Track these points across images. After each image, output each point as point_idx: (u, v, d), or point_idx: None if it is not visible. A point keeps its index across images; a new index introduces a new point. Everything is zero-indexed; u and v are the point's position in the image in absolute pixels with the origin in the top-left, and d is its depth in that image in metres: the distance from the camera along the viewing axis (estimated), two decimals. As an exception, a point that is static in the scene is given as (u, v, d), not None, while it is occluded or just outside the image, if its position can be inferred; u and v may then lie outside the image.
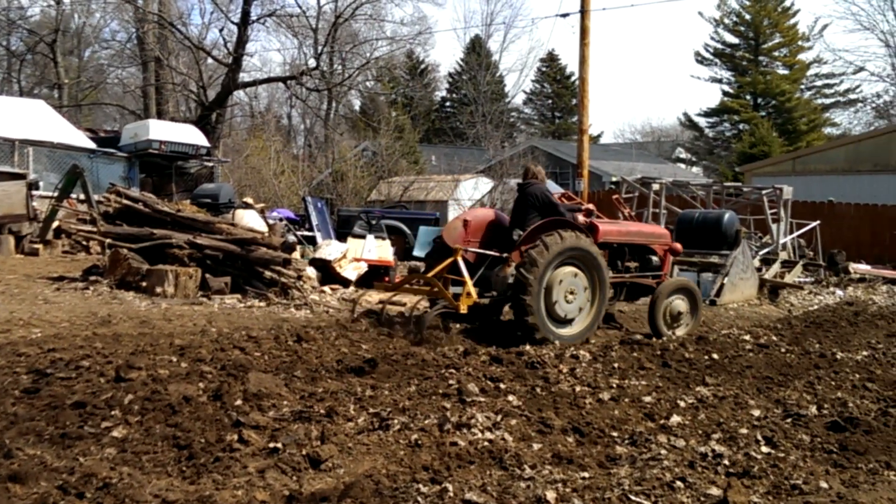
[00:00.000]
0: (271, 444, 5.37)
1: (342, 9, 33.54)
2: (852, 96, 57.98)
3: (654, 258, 11.85)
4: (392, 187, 29.61)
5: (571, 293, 10.21)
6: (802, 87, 58.04)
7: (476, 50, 62.22)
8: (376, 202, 28.35)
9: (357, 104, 51.70)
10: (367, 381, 7.22)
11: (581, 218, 11.08)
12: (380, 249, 15.53)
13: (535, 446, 5.81)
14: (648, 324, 11.38)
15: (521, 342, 9.70)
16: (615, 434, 6.28)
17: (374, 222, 16.99)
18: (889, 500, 5.03)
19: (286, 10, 35.05)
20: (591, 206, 12.07)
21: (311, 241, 17.24)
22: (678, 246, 12.44)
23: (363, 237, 15.80)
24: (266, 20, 34.82)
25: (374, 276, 15.15)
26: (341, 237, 17.12)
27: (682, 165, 62.46)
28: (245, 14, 32.84)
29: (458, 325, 10.57)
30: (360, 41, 38.22)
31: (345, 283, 14.34)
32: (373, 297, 13.40)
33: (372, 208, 24.11)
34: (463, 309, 9.81)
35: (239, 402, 6.20)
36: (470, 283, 9.95)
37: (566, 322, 10.26)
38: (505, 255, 10.56)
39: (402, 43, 41.57)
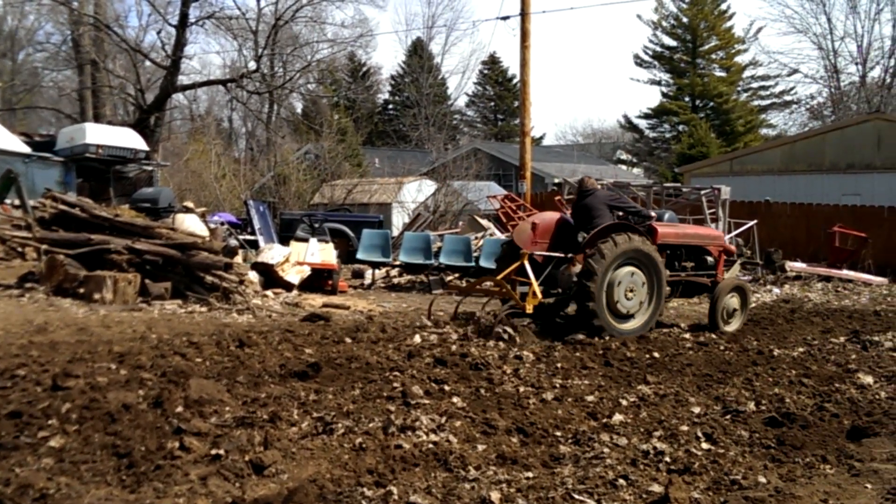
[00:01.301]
0: (213, 451, 5.31)
1: (282, 11, 33.30)
2: (787, 98, 59.15)
3: (709, 258, 12.69)
4: (335, 190, 29.48)
5: (631, 290, 10.95)
6: (739, 88, 59.00)
7: (418, 52, 62.23)
8: (319, 205, 28.20)
9: (299, 107, 51.42)
10: (311, 386, 7.18)
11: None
12: (323, 253, 15.45)
13: (480, 447, 5.83)
14: (708, 318, 12.15)
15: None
16: (559, 433, 6.33)
17: (317, 225, 16.90)
18: (825, 493, 5.13)
19: (225, 12, 34.61)
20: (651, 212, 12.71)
21: (254, 244, 17.11)
22: (732, 247, 13.45)
23: (306, 240, 15.70)
24: (205, 22, 34.37)
25: (318, 279, 15.08)
26: (284, 241, 17.01)
27: (623, 167, 63.12)
28: (183, 16, 32.41)
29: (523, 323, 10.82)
30: (301, 43, 38.02)
31: (287, 287, 14.25)
32: (316, 301, 13.37)
33: (315, 211, 23.98)
34: (529, 309, 10.57)
35: (180, 408, 6.12)
36: (535, 284, 10.72)
37: (627, 317, 11.01)
38: (570, 255, 11.37)
39: (344, 45, 41.37)
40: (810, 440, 6.45)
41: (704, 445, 6.21)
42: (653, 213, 12.47)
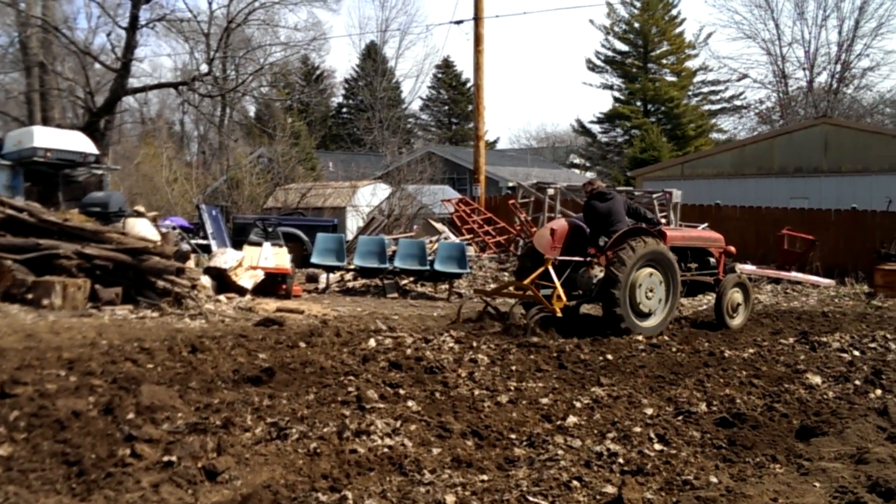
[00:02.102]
0: (165, 458, 5.26)
1: (234, 14, 32.99)
2: (737, 102, 59.98)
3: (712, 259, 13.50)
4: (289, 194, 29.28)
5: (651, 290, 11.72)
6: (690, 93, 59.72)
7: (372, 56, 62.08)
8: (273, 209, 28.00)
9: (252, 110, 51.07)
10: (265, 391, 7.13)
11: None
12: (277, 257, 15.35)
13: (435, 451, 5.83)
14: (714, 313, 12.97)
15: (605, 335, 11.09)
16: (513, 436, 6.36)
17: (270, 230, 16.75)
18: (775, 493, 5.21)
19: (176, 14, 34.11)
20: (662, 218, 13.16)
21: (206, 249, 16.92)
22: (732, 248, 13.94)
23: (260, 245, 15.57)
24: (156, 25, 33.86)
25: (272, 283, 14.97)
26: (237, 245, 16.85)
27: (577, 170, 63.49)
28: (133, 18, 31.98)
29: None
30: (254, 46, 37.69)
31: (241, 291, 14.13)
32: (270, 306, 13.28)
33: (268, 215, 23.81)
34: (558, 311, 11.24)
35: (131, 415, 6.04)
36: (560, 287, 11.41)
37: (647, 315, 11.76)
38: (589, 258, 11.99)
39: (297, 48, 41.13)
40: (760, 440, 6.55)
41: (657, 446, 6.27)
42: (662, 219, 12.85)
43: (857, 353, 11.08)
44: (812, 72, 55.49)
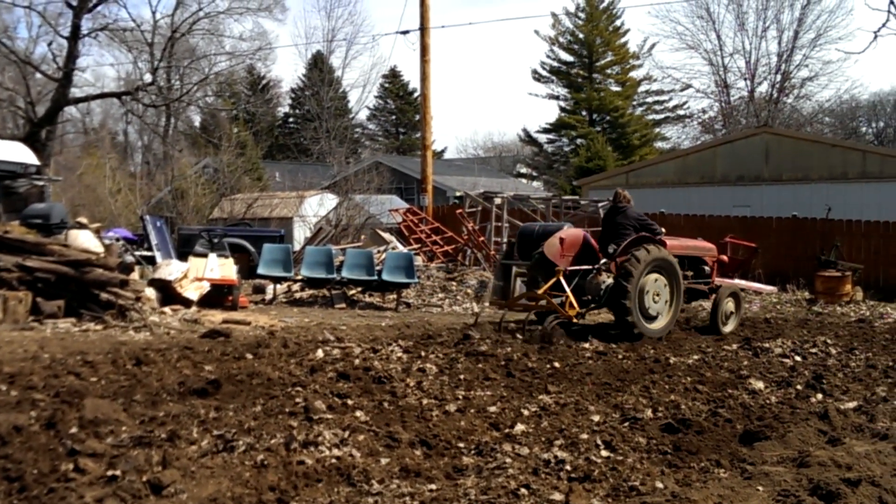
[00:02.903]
0: (109, 472, 5.18)
1: (178, 23, 32.78)
2: (680, 112, 60.73)
3: (706, 268, 14.44)
4: (235, 205, 29.05)
5: (657, 294, 12.64)
6: (634, 103, 60.37)
7: (318, 66, 61.83)
8: (219, 220, 27.76)
9: (197, 120, 50.57)
10: (211, 403, 7.06)
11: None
12: (223, 268, 15.22)
13: (383, 461, 5.82)
14: (710, 321, 13.77)
15: (617, 339, 12.08)
16: (462, 445, 6.37)
17: (216, 240, 16.59)
18: (719, 497, 5.28)
19: (119, 24, 33.62)
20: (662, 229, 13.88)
21: (151, 261, 16.71)
22: (725, 258, 15.16)
23: (205, 256, 15.42)
24: (98, 34, 33.53)
25: (218, 295, 14.85)
26: (182, 256, 16.67)
27: (524, 180, 63.90)
28: (75, 28, 31.57)
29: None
30: (199, 56, 37.48)
31: (186, 303, 13.99)
32: (216, 318, 13.16)
33: (214, 226, 23.59)
34: (574, 317, 12.24)
35: (74, 429, 5.94)
36: (572, 296, 12.17)
37: (654, 318, 12.62)
38: (596, 267, 12.68)
39: (242, 58, 40.97)
40: (705, 445, 6.64)
41: (604, 453, 6.33)
42: (663, 230, 13.73)
43: (798, 358, 11.30)
44: (753, 82, 56.49)
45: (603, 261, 12.77)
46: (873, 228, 21.64)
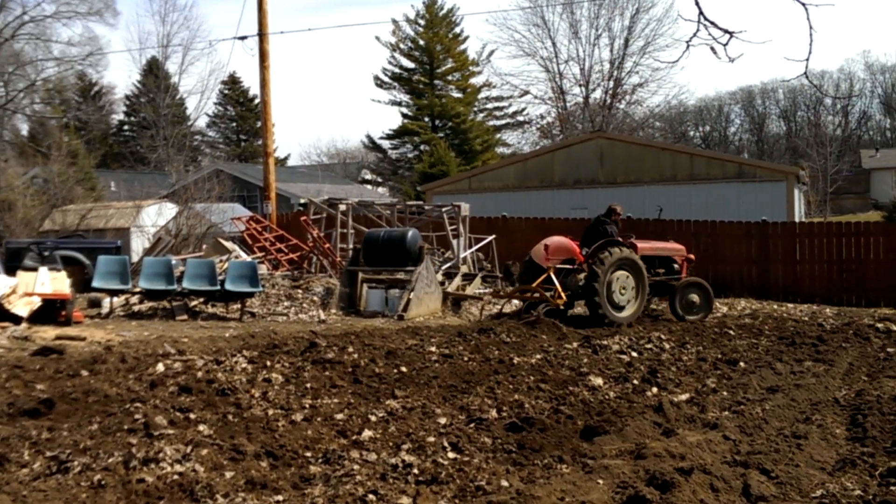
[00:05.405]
0: (-69, 503, 4.89)
1: (2, 27, 31.20)
2: (520, 118, 62.24)
3: (676, 265, 16.85)
4: (67, 216, 27.83)
5: (624, 288, 15.22)
6: (475, 109, 61.35)
7: (154, 72, 59.96)
8: (50, 232, 26.55)
9: (24, 128, 48.21)
10: (44, 423, 6.76)
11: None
12: (55, 282, 14.54)
13: (228, 474, 5.71)
14: (670, 310, 16.30)
15: (591, 326, 14.44)
16: (309, 454, 6.33)
17: (47, 254, 15.87)
18: (562, 492, 5.43)
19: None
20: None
21: (-25, 277, 15.81)
22: (692, 256, 17.44)
23: (36, 270, 14.70)
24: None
25: (50, 310, 14.18)
26: (11, 271, 15.85)
27: (369, 186, 63.85)
28: None
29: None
30: (25, 62, 35.74)
31: (15, 320, 13.30)
32: (49, 334, 12.58)
33: (45, 239, 22.55)
34: (560, 305, 15.09)
35: None
36: (560, 288, 14.98)
37: (622, 308, 15.17)
38: (573, 267, 15.52)
39: (72, 64, 39.33)
40: (548, 442, 6.82)
41: (451, 455, 6.41)
42: (633, 236, 16.46)
43: (635, 354, 11.76)
44: (587, 88, 58.49)
45: (581, 261, 15.44)
46: (702, 227, 22.69)
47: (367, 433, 6.89)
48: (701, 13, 6.58)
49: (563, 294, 14.94)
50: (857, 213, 53.32)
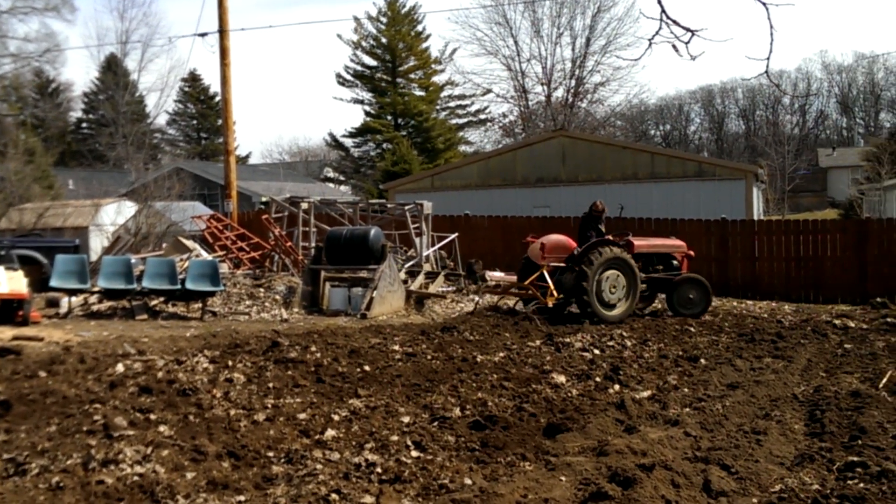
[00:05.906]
0: None
1: (-45, 22, 30.66)
2: (482, 116, 62.27)
3: (675, 262, 16.88)
4: (24, 215, 27.44)
5: (614, 287, 15.31)
6: (438, 107, 61.29)
7: (112, 69, 59.27)
8: (7, 231, 26.16)
9: (-21, 126, 47.46)
10: (1, 425, 6.66)
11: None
12: (11, 282, 14.32)
13: (189, 475, 5.67)
14: (668, 306, 16.58)
15: (582, 322, 14.59)
16: (271, 454, 6.29)
17: (3, 253, 15.60)
18: (525, 489, 5.45)
19: None
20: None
21: (-71, 277, 15.52)
22: (692, 252, 17.36)
23: (-9, 269, 14.48)
24: None
25: (6, 310, 13.98)
26: (-35, 271, 15.59)
27: (331, 184, 63.61)
28: None
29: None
30: (-21, 58, 35.17)
31: (-29, 320, 13.10)
32: (6, 334, 12.39)
33: (1, 238, 22.22)
34: (550, 304, 15.38)
35: None
36: (553, 287, 15.39)
37: (612, 306, 15.26)
38: (566, 266, 15.76)
39: (28, 60, 38.76)
40: (511, 440, 6.84)
41: (414, 453, 6.41)
42: (629, 234, 16.70)
43: (597, 351, 11.83)
44: (549, 87, 58.62)
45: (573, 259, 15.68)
46: (662, 225, 22.83)
47: (329, 432, 6.86)
48: (663, 11, 6.64)
49: (555, 292, 15.32)
50: (815, 210, 54.15)
